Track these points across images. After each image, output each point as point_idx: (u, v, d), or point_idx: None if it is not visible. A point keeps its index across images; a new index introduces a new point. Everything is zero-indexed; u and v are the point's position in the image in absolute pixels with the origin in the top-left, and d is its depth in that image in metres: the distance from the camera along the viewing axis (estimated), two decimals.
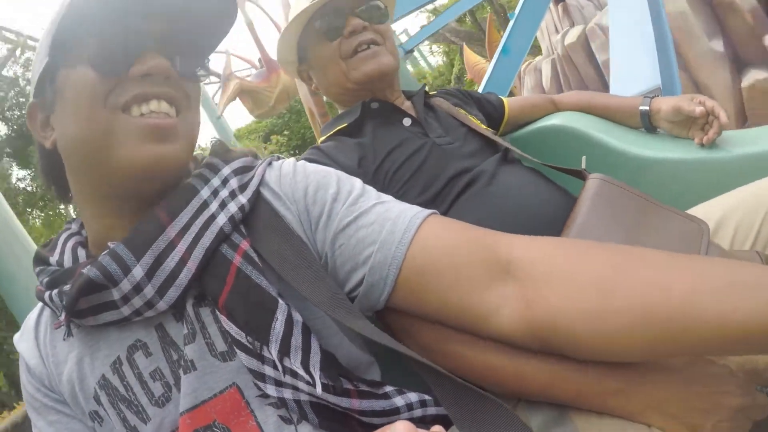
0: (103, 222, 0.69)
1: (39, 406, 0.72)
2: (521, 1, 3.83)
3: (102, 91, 0.63)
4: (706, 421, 0.55)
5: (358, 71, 1.11)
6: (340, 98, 1.21)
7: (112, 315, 0.64)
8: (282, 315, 0.63)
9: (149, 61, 0.64)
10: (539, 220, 0.95)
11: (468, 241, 0.65)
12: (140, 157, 0.63)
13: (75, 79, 0.64)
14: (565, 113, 1.44)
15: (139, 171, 0.64)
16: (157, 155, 0.64)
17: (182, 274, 0.63)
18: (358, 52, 1.11)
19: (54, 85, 0.66)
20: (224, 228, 0.66)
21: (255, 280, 0.64)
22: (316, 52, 1.16)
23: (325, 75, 1.18)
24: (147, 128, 0.63)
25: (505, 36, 3.74)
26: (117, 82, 0.63)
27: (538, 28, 4.26)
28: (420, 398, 0.70)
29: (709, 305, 0.48)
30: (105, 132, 0.63)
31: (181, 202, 0.66)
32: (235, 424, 0.64)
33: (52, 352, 0.71)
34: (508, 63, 3.63)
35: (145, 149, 0.63)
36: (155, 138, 0.64)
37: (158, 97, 0.65)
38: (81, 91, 0.64)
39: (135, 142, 0.63)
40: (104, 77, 0.63)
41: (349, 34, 1.10)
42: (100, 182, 0.67)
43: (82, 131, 0.64)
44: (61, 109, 0.66)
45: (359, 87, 1.13)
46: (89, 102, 0.63)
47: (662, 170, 1.20)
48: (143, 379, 0.66)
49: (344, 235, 0.69)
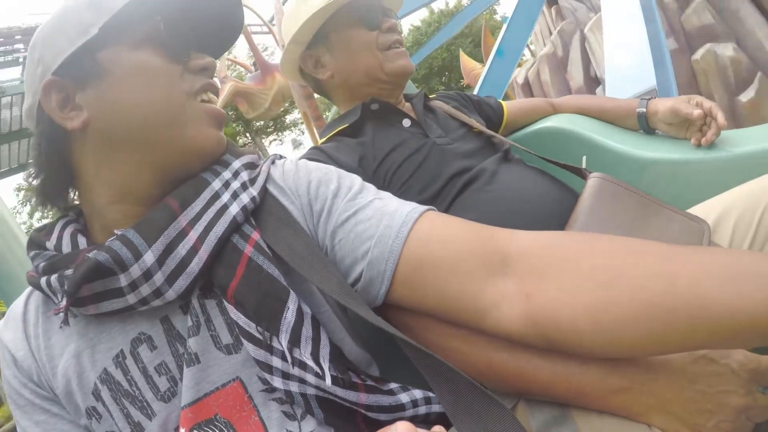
0: (121, 208, 0.68)
1: (25, 404, 0.67)
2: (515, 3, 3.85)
3: (175, 74, 0.69)
4: (708, 421, 0.55)
5: (394, 64, 1.16)
6: (358, 89, 1.19)
7: (116, 303, 0.62)
8: (293, 305, 0.62)
9: (206, 57, 0.72)
10: (541, 216, 0.95)
11: (465, 235, 0.65)
12: (209, 139, 0.70)
13: (144, 59, 0.67)
14: (562, 115, 1.45)
15: (207, 150, 0.70)
16: (220, 138, 0.72)
17: (193, 262, 0.62)
18: (392, 48, 1.17)
19: (96, 63, 0.65)
20: (237, 217, 0.66)
21: (267, 270, 0.63)
22: (349, 36, 1.16)
23: (355, 61, 1.17)
24: (213, 114, 0.71)
25: (500, 38, 3.77)
26: (182, 69, 0.70)
27: (532, 30, 4.28)
28: (425, 395, 0.69)
29: (715, 295, 0.47)
30: (179, 112, 0.68)
31: (192, 193, 0.66)
32: (237, 419, 0.63)
33: (45, 344, 0.67)
34: (502, 65, 3.65)
35: (212, 132, 0.71)
36: (217, 124, 0.72)
37: (212, 90, 0.73)
38: (153, 71, 0.67)
39: (204, 125, 0.70)
40: (173, 62, 0.69)
41: (387, 29, 1.16)
42: (150, 160, 0.67)
43: (155, 108, 0.66)
44: (116, 87, 0.65)
45: (390, 79, 1.17)
46: (165, 83, 0.68)
47: (660, 171, 1.20)
48: (148, 373, 0.64)
49: (343, 230, 0.69)
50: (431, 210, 0.70)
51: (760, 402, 0.56)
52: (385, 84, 1.18)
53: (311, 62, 1.22)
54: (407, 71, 1.18)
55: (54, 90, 0.65)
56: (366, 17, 1.15)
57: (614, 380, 0.57)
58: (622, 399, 0.57)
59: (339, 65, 1.18)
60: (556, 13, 5.92)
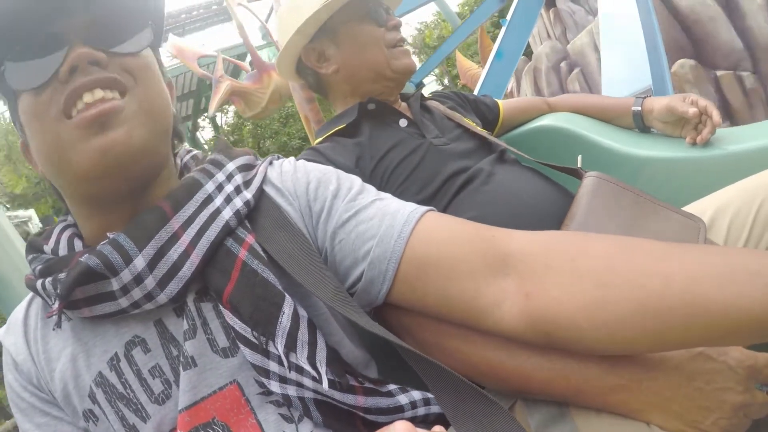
0: (96, 221, 0.68)
1: (26, 407, 0.68)
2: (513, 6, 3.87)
3: (43, 103, 0.60)
4: (706, 419, 0.55)
5: (400, 62, 1.16)
6: (360, 85, 1.18)
7: (109, 307, 0.62)
8: (289, 309, 0.62)
9: (70, 54, 0.58)
10: (537, 216, 0.95)
11: (466, 235, 0.65)
12: (87, 155, 0.58)
13: (25, 104, 0.62)
14: (557, 114, 1.45)
15: (90, 170, 0.59)
16: (104, 145, 0.58)
17: (185, 266, 0.61)
18: (397, 45, 1.17)
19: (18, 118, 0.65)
20: (230, 222, 0.65)
21: (261, 274, 0.63)
22: (357, 30, 1.16)
23: (362, 56, 1.16)
24: (84, 122, 0.58)
25: (499, 41, 3.78)
26: (52, 90, 0.59)
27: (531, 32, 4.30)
28: (423, 396, 0.69)
29: (711, 293, 0.47)
30: (57, 143, 0.60)
31: (184, 195, 0.65)
32: (234, 422, 0.63)
33: (43, 348, 0.68)
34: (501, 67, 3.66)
35: (89, 146, 0.58)
36: (98, 128, 0.58)
37: (89, 88, 0.58)
38: (29, 114, 0.61)
39: (79, 142, 0.58)
40: (40, 92, 0.60)
41: (392, 27, 1.17)
42: (72, 191, 0.66)
43: (40, 148, 0.63)
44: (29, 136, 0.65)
45: (395, 77, 1.17)
46: (39, 122, 0.61)
47: (655, 169, 1.20)
48: (142, 376, 0.64)
49: (344, 231, 0.69)
50: (432, 210, 0.70)
51: (757, 399, 0.56)
52: (390, 81, 1.17)
53: (314, 55, 1.19)
54: (411, 69, 1.18)
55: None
56: (374, 13, 1.16)
57: (612, 378, 0.58)
58: (621, 397, 0.57)
59: (345, 59, 1.16)
60: (554, 15, 5.93)
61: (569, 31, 5.78)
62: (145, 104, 0.62)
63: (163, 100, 0.66)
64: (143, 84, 0.63)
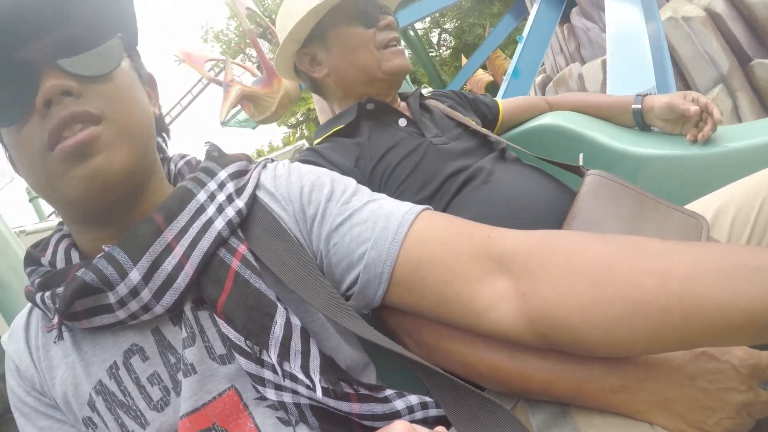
0: (91, 236, 0.68)
1: (29, 411, 0.69)
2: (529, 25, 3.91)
3: (26, 138, 0.60)
4: (710, 418, 0.54)
5: (391, 63, 1.14)
6: (354, 88, 1.18)
7: (107, 318, 0.63)
8: (281, 319, 0.62)
9: (44, 85, 0.57)
10: (538, 215, 0.95)
11: (461, 235, 0.65)
12: (72, 184, 0.59)
13: (8, 142, 0.63)
14: (558, 112, 1.44)
15: (78, 197, 0.60)
16: (87, 174, 0.59)
17: (180, 277, 0.62)
18: (389, 46, 1.15)
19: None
20: (222, 232, 0.65)
21: (254, 285, 0.63)
22: (346, 33, 1.15)
23: (353, 59, 1.15)
24: (64, 154, 0.58)
25: (515, 59, 3.82)
26: (34, 122, 0.59)
27: (546, 50, 4.32)
28: (421, 400, 0.69)
29: (709, 291, 0.46)
30: (44, 174, 0.61)
31: (177, 205, 0.65)
32: (233, 427, 0.63)
33: (44, 355, 0.69)
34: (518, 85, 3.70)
35: (73, 175, 0.59)
36: (79, 158, 0.59)
37: (67, 124, 0.58)
38: (13, 147, 0.63)
39: (64, 172, 0.59)
40: (21, 126, 0.59)
41: (384, 27, 1.14)
42: (65, 213, 0.68)
43: (29, 178, 0.64)
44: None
45: (387, 78, 1.15)
46: (24, 156, 0.62)
47: (656, 167, 1.19)
48: (141, 383, 0.65)
49: (338, 234, 0.69)
50: (427, 210, 0.70)
51: (761, 398, 0.55)
52: (382, 83, 1.16)
53: (307, 60, 1.20)
54: (404, 70, 1.16)
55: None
56: (363, 14, 1.14)
57: (614, 379, 0.57)
58: (623, 398, 0.57)
59: (335, 63, 1.17)
60: (568, 31, 5.92)
61: (583, 48, 5.75)
62: (122, 126, 0.62)
63: (140, 117, 0.66)
64: (118, 107, 0.63)
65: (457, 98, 1.36)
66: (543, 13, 4.20)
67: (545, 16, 4.22)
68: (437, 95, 1.33)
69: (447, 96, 1.35)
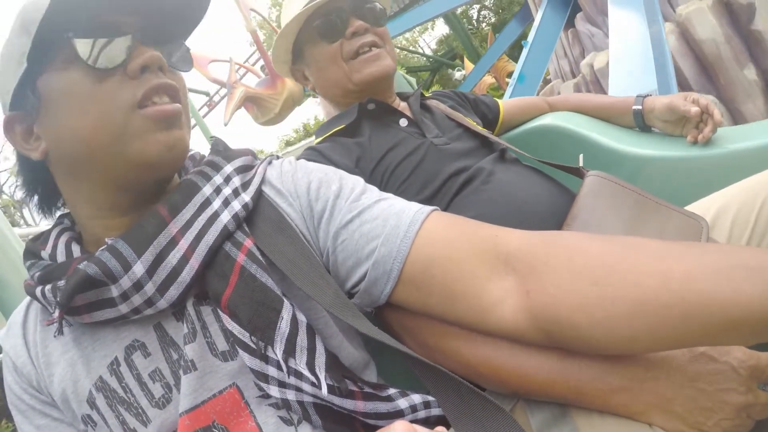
0: (102, 222, 0.67)
1: (25, 409, 0.68)
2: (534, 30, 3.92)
3: (111, 88, 0.62)
4: (709, 419, 0.54)
5: (361, 74, 1.11)
6: (338, 99, 1.20)
7: (109, 313, 0.62)
8: (287, 314, 0.62)
9: (144, 53, 0.63)
10: (538, 216, 0.95)
11: (470, 235, 0.65)
12: (156, 146, 0.63)
13: (71, 81, 0.62)
14: (558, 113, 1.44)
15: (154, 159, 0.63)
16: (170, 142, 0.64)
17: (184, 271, 0.61)
18: (359, 54, 1.11)
19: (36, 92, 0.63)
20: (228, 226, 0.65)
21: (260, 279, 0.62)
22: (315, 52, 1.15)
23: (325, 76, 1.16)
24: (160, 116, 0.63)
25: (520, 64, 3.84)
26: (119, 79, 0.63)
27: (551, 55, 4.33)
28: (424, 400, 0.69)
29: (709, 289, 0.46)
30: (120, 129, 0.62)
31: (182, 198, 0.65)
32: (234, 425, 0.63)
33: (42, 351, 0.68)
34: (524, 90, 3.71)
35: (161, 138, 0.63)
36: (166, 125, 0.64)
37: (159, 92, 0.64)
38: (82, 92, 0.62)
39: (151, 134, 0.63)
40: (104, 76, 0.62)
41: (351, 35, 1.10)
42: (107, 179, 0.65)
43: (94, 131, 0.62)
44: (55, 114, 0.63)
45: (361, 89, 1.13)
46: (99, 101, 0.62)
47: (656, 168, 1.19)
48: (142, 380, 0.64)
49: (347, 231, 0.69)
50: (436, 210, 0.70)
51: (760, 399, 0.55)
52: (358, 93, 1.14)
53: (299, 76, 1.25)
54: (378, 77, 1.12)
55: (16, 123, 0.66)
56: (325, 30, 1.11)
57: (614, 379, 0.57)
58: (622, 398, 0.57)
59: (316, 80, 1.20)
60: (572, 36, 5.91)
61: (587, 53, 5.75)
62: (186, 111, 0.69)
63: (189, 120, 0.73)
64: (184, 97, 0.70)
65: (457, 99, 1.36)
66: (548, 18, 4.22)
67: (550, 21, 4.24)
68: (438, 95, 1.33)
69: (448, 96, 1.35)
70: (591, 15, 5.21)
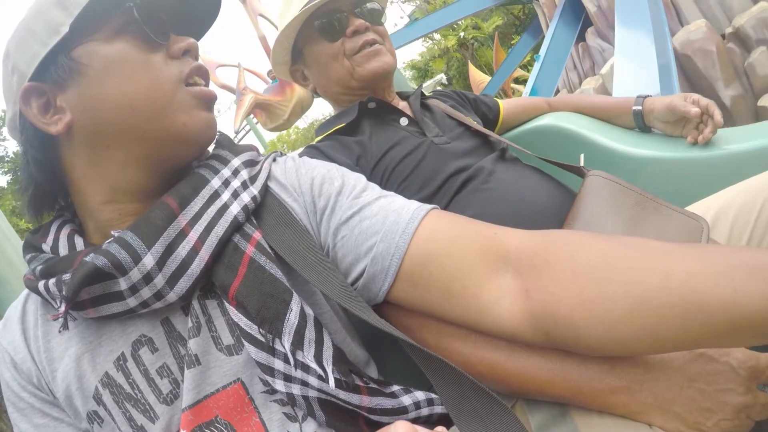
0: (117, 207, 0.66)
1: (24, 407, 0.66)
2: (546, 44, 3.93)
3: (158, 62, 0.66)
4: (708, 420, 0.54)
5: (363, 68, 1.12)
6: (339, 97, 1.20)
7: (117, 307, 0.61)
8: (296, 306, 0.61)
9: (187, 39, 0.69)
10: (538, 215, 0.94)
11: (469, 233, 0.65)
12: (200, 122, 0.67)
13: (122, 49, 0.64)
14: (558, 113, 1.44)
15: (198, 135, 0.67)
16: (210, 121, 0.69)
17: (194, 263, 0.61)
18: (361, 50, 1.13)
19: (73, 61, 0.62)
20: (238, 217, 0.65)
21: (269, 271, 0.62)
22: (316, 51, 1.16)
23: (326, 74, 1.17)
24: (202, 96, 0.68)
25: (532, 78, 3.85)
26: (165, 55, 0.67)
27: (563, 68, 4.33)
28: (427, 397, 0.69)
29: (710, 290, 0.46)
30: (167, 100, 0.65)
31: (190, 190, 0.65)
32: (237, 421, 0.62)
33: (45, 347, 0.66)
34: None
35: (203, 115, 0.68)
36: (207, 106, 0.69)
37: (200, 74, 0.70)
38: (134, 62, 0.64)
39: (195, 110, 0.67)
40: (153, 49, 0.66)
41: (352, 34, 1.12)
42: (140, 152, 0.65)
43: (144, 98, 0.64)
44: (97, 82, 0.63)
45: (364, 85, 1.14)
46: (149, 72, 0.64)
47: (656, 169, 1.19)
48: (150, 376, 0.63)
49: (347, 227, 0.69)
50: (436, 208, 0.70)
51: (759, 400, 0.55)
52: (362, 89, 1.16)
53: (299, 76, 1.25)
54: (381, 72, 1.13)
55: (33, 96, 0.64)
56: (326, 29, 1.13)
57: (613, 380, 0.57)
58: (622, 398, 0.57)
59: (316, 79, 1.21)
60: (583, 50, 5.91)
61: (597, 67, 5.74)
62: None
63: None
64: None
65: (458, 98, 1.36)
66: (560, 33, 4.23)
67: (562, 36, 4.25)
68: (439, 95, 1.33)
69: (448, 96, 1.35)
70: (602, 30, 5.20)
